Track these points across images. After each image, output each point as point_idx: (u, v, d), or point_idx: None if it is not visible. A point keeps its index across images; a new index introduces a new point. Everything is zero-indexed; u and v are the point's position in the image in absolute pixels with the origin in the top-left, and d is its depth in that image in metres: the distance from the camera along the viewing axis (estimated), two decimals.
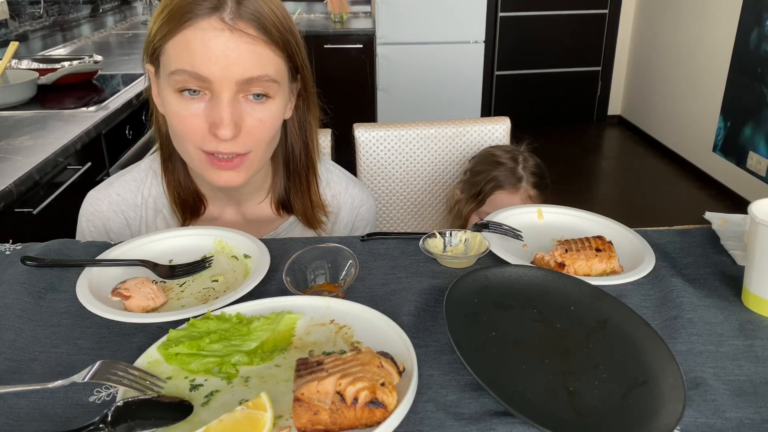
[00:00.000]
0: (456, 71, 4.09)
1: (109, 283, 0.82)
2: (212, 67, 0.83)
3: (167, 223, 1.05)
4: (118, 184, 1.06)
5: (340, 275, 0.83)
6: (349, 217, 1.15)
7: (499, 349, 0.68)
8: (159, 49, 0.88)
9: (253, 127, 0.88)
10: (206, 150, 0.89)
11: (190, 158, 0.93)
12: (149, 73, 0.95)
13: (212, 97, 0.86)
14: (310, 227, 1.10)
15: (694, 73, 4.05)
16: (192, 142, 0.89)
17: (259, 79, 0.86)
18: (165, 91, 0.89)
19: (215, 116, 0.85)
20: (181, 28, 0.84)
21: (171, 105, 0.88)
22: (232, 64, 0.84)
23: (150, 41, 0.90)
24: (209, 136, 0.87)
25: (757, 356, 0.71)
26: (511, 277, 0.80)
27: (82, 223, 1.06)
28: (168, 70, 0.86)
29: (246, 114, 0.88)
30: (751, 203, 0.78)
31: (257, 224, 1.08)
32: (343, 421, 0.57)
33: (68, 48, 2.97)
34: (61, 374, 0.66)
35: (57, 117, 1.90)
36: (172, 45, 0.85)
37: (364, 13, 4.31)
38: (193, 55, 0.83)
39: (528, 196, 1.43)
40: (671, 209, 3.69)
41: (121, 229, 1.05)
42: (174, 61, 0.85)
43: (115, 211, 1.05)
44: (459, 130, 1.59)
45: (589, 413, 0.61)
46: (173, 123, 0.89)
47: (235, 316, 0.72)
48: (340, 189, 1.14)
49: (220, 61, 0.83)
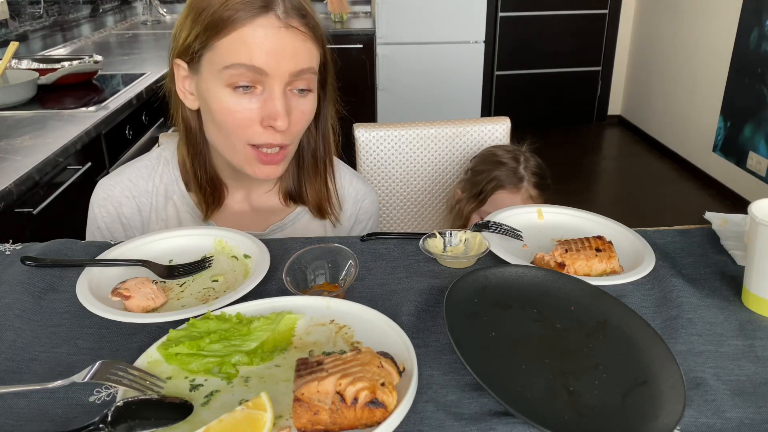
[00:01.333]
0: (456, 71, 4.09)
1: (109, 283, 0.82)
2: (270, 61, 0.88)
3: (177, 210, 1.07)
4: (129, 171, 1.08)
5: (340, 275, 0.83)
6: (353, 209, 1.17)
7: (499, 349, 0.68)
8: (203, 47, 0.90)
9: (297, 119, 0.94)
10: (255, 143, 0.93)
11: (234, 152, 0.96)
12: (177, 67, 0.96)
13: (264, 91, 0.91)
14: (321, 217, 1.12)
15: (694, 73, 4.05)
16: (241, 137, 0.93)
17: (307, 71, 0.92)
18: (211, 85, 0.92)
19: (270, 108, 0.90)
20: (237, 26, 0.88)
21: (222, 101, 0.91)
22: (287, 58, 0.89)
23: (186, 40, 0.92)
24: (261, 129, 0.92)
25: (757, 356, 0.71)
26: (511, 277, 0.80)
27: (94, 209, 1.07)
28: (220, 65, 0.90)
29: (293, 107, 0.93)
30: (751, 203, 0.78)
31: (264, 213, 1.10)
32: (343, 421, 0.57)
33: (68, 48, 2.96)
34: (61, 374, 0.66)
35: (57, 117, 1.90)
36: (226, 42, 0.89)
37: (364, 13, 4.31)
38: (251, 50, 0.88)
39: (529, 196, 1.43)
40: (671, 209, 3.69)
41: (133, 214, 1.07)
42: (229, 56, 0.89)
43: (128, 197, 1.07)
44: (459, 130, 1.59)
45: (589, 413, 0.61)
46: (223, 118, 0.92)
47: (235, 316, 0.72)
48: (344, 182, 1.16)
49: (277, 55, 0.89)
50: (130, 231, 1.07)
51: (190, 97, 0.97)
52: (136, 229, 1.07)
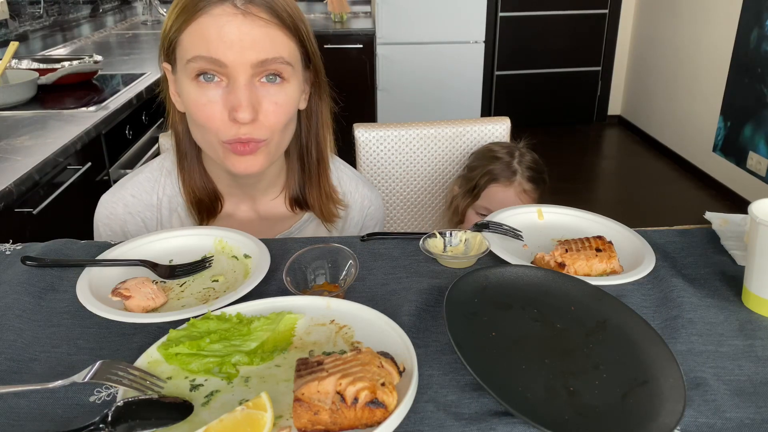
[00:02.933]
0: (456, 71, 4.09)
1: (109, 283, 0.82)
2: (227, 52, 0.85)
3: (182, 222, 1.06)
4: (131, 186, 1.06)
5: (340, 275, 0.83)
6: (360, 216, 1.16)
7: (499, 349, 0.68)
8: (175, 41, 0.90)
9: (269, 112, 0.90)
10: (225, 140, 0.90)
11: (211, 148, 0.94)
12: (166, 71, 0.96)
13: (229, 83, 0.88)
14: (326, 221, 1.10)
15: (694, 73, 4.05)
16: (212, 132, 0.90)
17: (274, 60, 0.88)
18: (182, 82, 0.90)
19: (233, 100, 0.87)
20: (195, 17, 0.86)
21: (189, 94, 0.89)
22: (246, 48, 0.86)
23: (165, 36, 0.92)
24: (228, 123, 0.88)
25: (757, 356, 0.71)
26: (511, 277, 0.80)
27: (99, 227, 1.06)
28: (184, 60, 0.88)
29: (262, 98, 0.89)
30: (751, 203, 0.78)
31: (271, 222, 1.09)
32: (343, 421, 0.57)
33: (68, 48, 2.96)
34: (62, 374, 0.66)
35: (57, 117, 1.90)
36: (187, 35, 0.87)
37: (364, 13, 4.31)
38: (208, 41, 0.85)
39: (522, 190, 1.42)
40: (671, 209, 3.69)
41: (138, 231, 1.05)
42: (190, 49, 0.87)
43: (131, 213, 1.05)
44: (459, 130, 1.59)
45: (589, 413, 0.61)
46: (193, 113, 0.90)
47: (236, 316, 0.72)
48: (350, 188, 1.15)
49: (234, 45, 0.85)
50: None
51: (178, 100, 0.96)
52: None
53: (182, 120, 0.99)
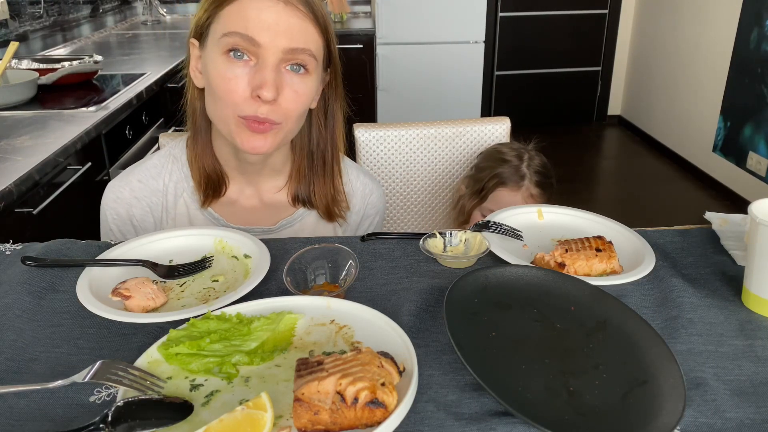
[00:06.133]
0: (456, 71, 4.09)
1: (109, 283, 0.82)
2: (263, 33, 0.90)
3: (187, 208, 1.07)
4: (138, 172, 1.09)
5: (340, 275, 0.83)
6: (361, 204, 1.18)
7: (499, 349, 0.68)
8: (213, 16, 0.93)
9: (288, 98, 0.93)
10: (243, 115, 0.93)
11: (225, 123, 0.96)
12: (192, 47, 0.99)
13: (257, 63, 0.91)
14: (329, 220, 1.12)
15: (694, 73, 4.05)
16: (231, 106, 0.93)
17: (303, 51, 0.92)
18: (211, 55, 0.94)
19: (259, 78, 0.90)
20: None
21: (216, 68, 0.92)
22: (281, 33, 0.90)
23: (204, 11, 0.95)
24: (249, 99, 0.92)
25: (757, 356, 0.71)
26: (511, 277, 0.80)
27: (105, 212, 1.07)
28: (219, 34, 0.92)
29: (285, 84, 0.93)
30: (751, 203, 0.78)
31: (274, 208, 1.11)
32: (343, 421, 0.57)
33: (68, 48, 2.96)
34: (62, 374, 0.66)
35: (57, 117, 1.90)
36: (227, 11, 0.91)
37: (364, 13, 4.31)
38: (248, 20, 0.90)
39: (530, 195, 1.42)
40: (671, 209, 3.69)
41: (144, 215, 1.07)
42: (227, 25, 0.91)
43: (137, 198, 1.07)
44: (459, 130, 1.59)
45: (589, 413, 0.61)
46: (216, 85, 0.93)
47: (236, 316, 0.72)
48: (351, 177, 1.18)
49: (271, 29, 0.90)
50: (142, 233, 1.07)
51: (198, 76, 0.99)
52: (149, 230, 1.07)
53: (200, 97, 1.02)
